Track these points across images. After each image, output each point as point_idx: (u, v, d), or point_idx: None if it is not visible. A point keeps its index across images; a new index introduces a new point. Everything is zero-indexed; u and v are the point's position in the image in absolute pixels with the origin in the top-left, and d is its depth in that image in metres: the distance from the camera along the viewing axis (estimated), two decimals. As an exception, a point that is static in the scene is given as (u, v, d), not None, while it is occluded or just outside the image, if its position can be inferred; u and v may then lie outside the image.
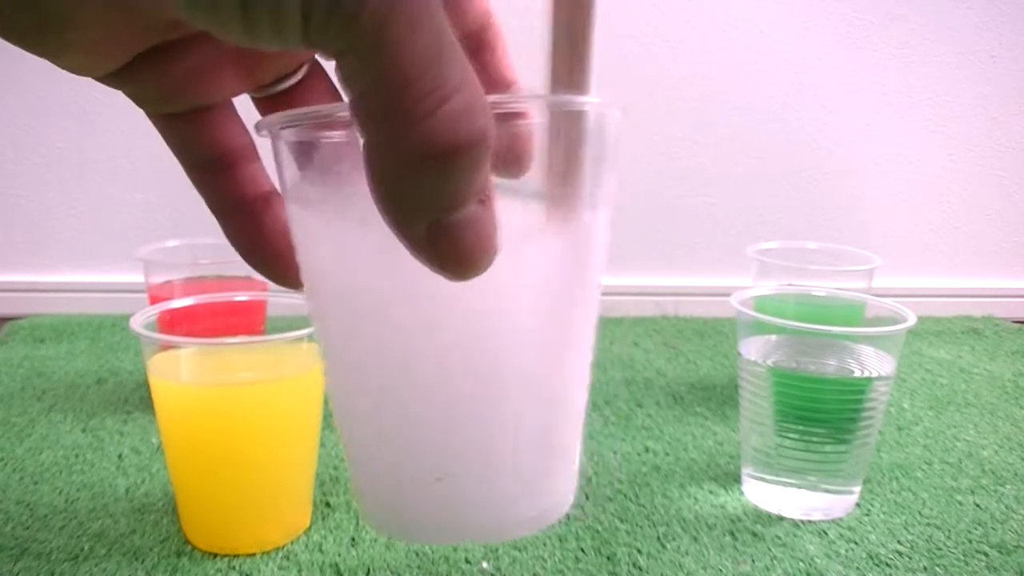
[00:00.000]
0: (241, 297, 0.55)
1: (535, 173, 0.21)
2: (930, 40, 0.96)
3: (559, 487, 0.24)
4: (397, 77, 0.15)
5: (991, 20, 0.96)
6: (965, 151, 1.00)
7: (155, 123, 0.22)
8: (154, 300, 0.61)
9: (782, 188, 0.99)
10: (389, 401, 0.21)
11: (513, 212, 0.19)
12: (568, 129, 0.20)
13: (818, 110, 0.97)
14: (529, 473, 0.23)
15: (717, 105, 0.96)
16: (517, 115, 0.20)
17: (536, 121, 0.21)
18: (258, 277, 0.71)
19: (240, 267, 0.75)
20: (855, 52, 0.96)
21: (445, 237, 0.16)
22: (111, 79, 0.20)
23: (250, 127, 0.23)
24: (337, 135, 0.21)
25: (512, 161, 0.21)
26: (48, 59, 0.18)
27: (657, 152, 0.96)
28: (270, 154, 0.22)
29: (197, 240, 0.67)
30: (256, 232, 0.23)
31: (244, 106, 0.24)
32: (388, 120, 0.15)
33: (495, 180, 0.18)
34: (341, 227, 0.21)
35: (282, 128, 0.21)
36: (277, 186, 0.23)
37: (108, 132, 0.90)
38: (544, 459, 0.23)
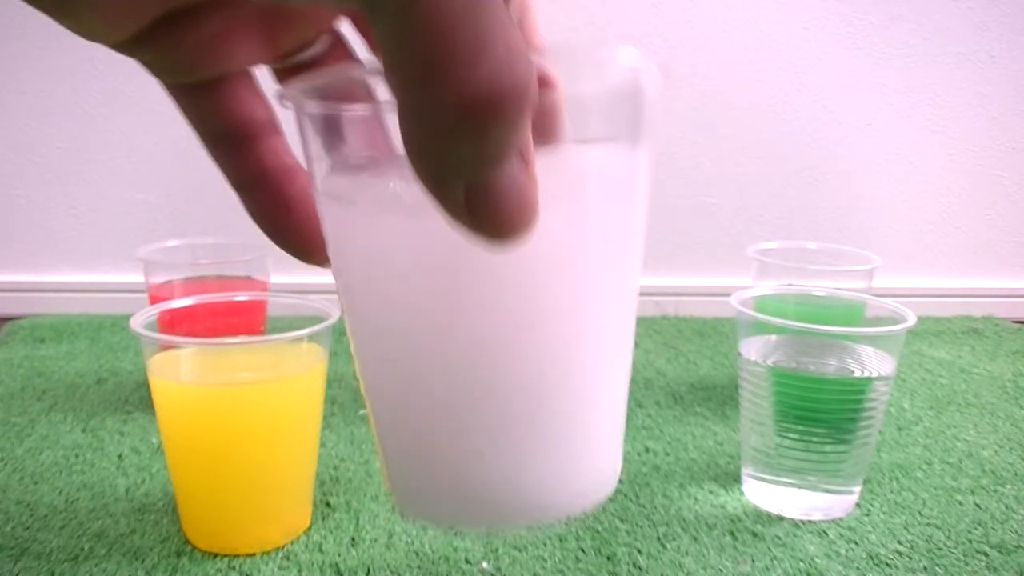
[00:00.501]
0: (241, 297, 0.55)
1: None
2: (930, 40, 0.96)
3: (602, 466, 0.23)
4: (431, 28, 0.14)
5: (991, 20, 0.96)
6: (965, 151, 1.00)
7: (172, 94, 0.21)
8: (154, 300, 0.61)
9: (782, 188, 0.99)
10: (419, 381, 0.21)
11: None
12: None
13: (818, 110, 0.97)
14: (574, 451, 0.22)
15: (717, 105, 0.96)
16: (546, 81, 0.19)
17: (567, 91, 0.19)
18: (258, 277, 0.71)
19: (240, 267, 0.74)
20: (855, 52, 0.96)
21: (484, 199, 0.15)
22: (126, 46, 0.19)
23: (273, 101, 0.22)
24: (366, 107, 0.20)
25: (544, 130, 0.19)
26: (62, 22, 0.17)
27: (657, 152, 0.96)
28: (294, 127, 0.21)
29: (197, 240, 0.67)
30: (279, 208, 0.22)
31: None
32: (422, 75, 0.14)
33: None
34: (373, 208, 0.20)
35: (306, 98, 0.20)
36: (301, 160, 0.22)
37: (108, 132, 0.90)
38: (587, 436, 0.22)
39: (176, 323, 0.48)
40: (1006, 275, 1.04)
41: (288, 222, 0.22)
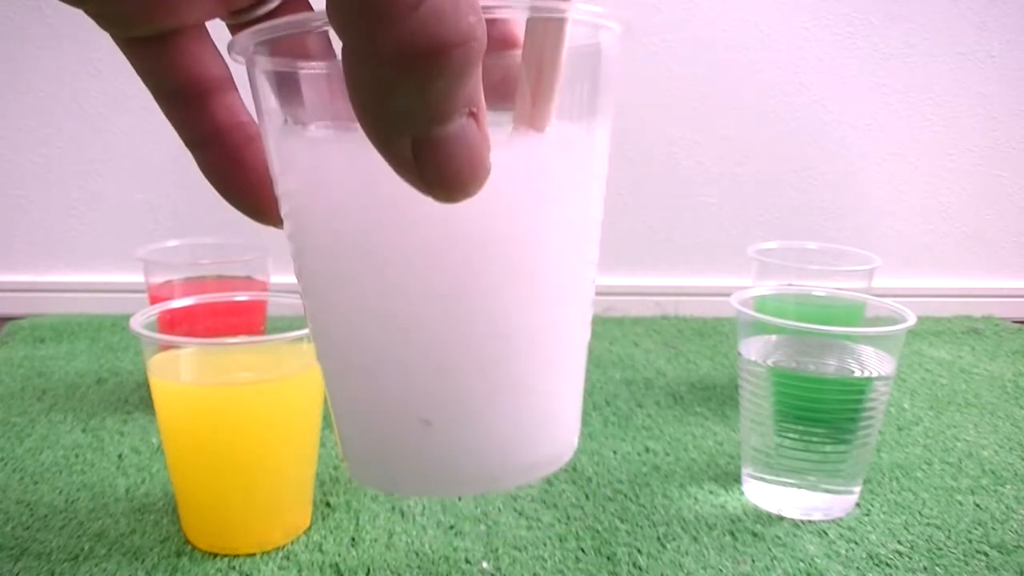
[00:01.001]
0: (241, 297, 0.55)
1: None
2: (930, 40, 0.96)
3: (560, 432, 0.22)
4: None
5: (991, 20, 0.96)
6: (965, 151, 1.00)
7: (122, 48, 0.20)
8: (154, 300, 0.61)
9: (782, 188, 0.99)
10: (372, 341, 0.20)
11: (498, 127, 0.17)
12: (551, 34, 0.18)
13: (818, 110, 0.97)
14: (526, 416, 0.21)
15: (717, 105, 0.96)
16: (511, 39, 0.18)
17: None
18: (258, 277, 0.71)
19: (240, 267, 0.74)
20: (855, 52, 0.96)
21: (431, 154, 0.15)
22: None
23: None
24: (317, 63, 0.19)
25: (504, 94, 0.18)
26: None
27: (657, 152, 0.96)
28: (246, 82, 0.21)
29: (197, 240, 0.67)
30: (232, 166, 0.21)
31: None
32: (363, 20, 0.13)
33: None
34: (322, 153, 0.20)
35: (256, 50, 0.19)
36: (254, 115, 0.21)
37: (108, 132, 0.90)
38: (542, 401, 0.21)
39: (176, 323, 0.48)
40: (1006, 275, 1.04)
41: (241, 180, 0.21)
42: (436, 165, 0.15)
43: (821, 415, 0.47)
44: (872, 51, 0.96)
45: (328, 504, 0.50)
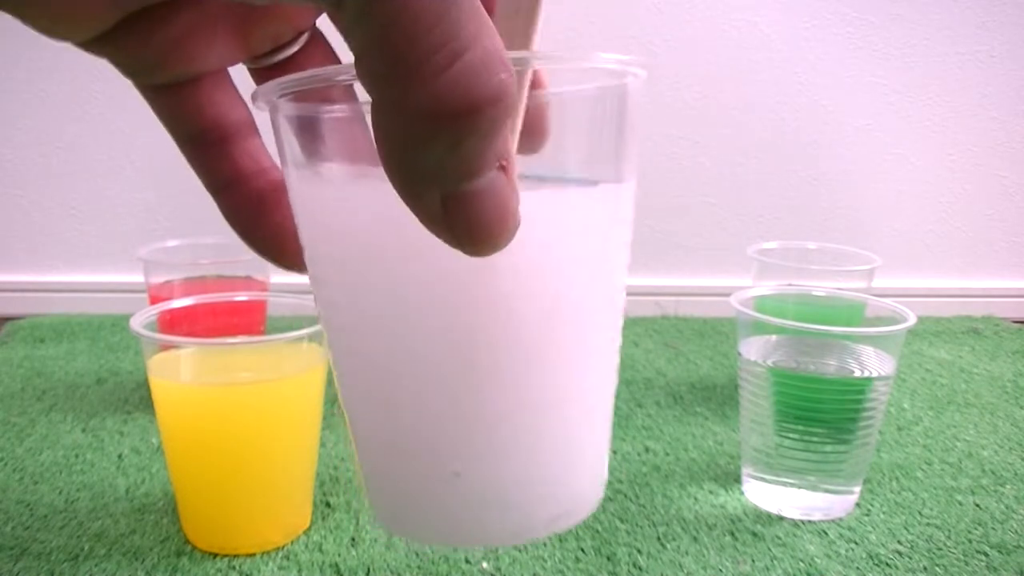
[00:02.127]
0: (241, 297, 0.55)
1: (550, 152, 0.19)
2: (930, 40, 0.96)
3: (584, 485, 0.22)
4: (403, 28, 0.13)
5: (991, 20, 0.96)
6: (965, 151, 1.00)
7: (144, 94, 0.20)
8: (154, 300, 0.61)
9: (782, 188, 0.99)
10: (401, 393, 0.20)
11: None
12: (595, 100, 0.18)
13: (818, 110, 0.97)
14: (552, 469, 0.21)
15: (717, 105, 0.96)
16: (534, 80, 0.18)
17: (553, 91, 0.19)
18: (258, 277, 0.71)
19: (240, 267, 0.74)
20: (855, 52, 0.96)
21: (461, 209, 0.15)
22: (92, 46, 0.18)
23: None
24: (342, 107, 0.19)
25: (525, 135, 0.18)
26: (22, 19, 0.17)
27: (657, 152, 0.96)
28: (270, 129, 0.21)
29: (197, 240, 0.67)
30: (255, 210, 0.21)
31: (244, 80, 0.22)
32: (394, 78, 0.13)
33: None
34: (349, 203, 0.19)
35: (280, 98, 0.19)
36: (277, 161, 0.21)
37: (108, 132, 0.90)
38: (568, 454, 0.21)
39: (176, 323, 0.48)
40: (1006, 275, 1.04)
41: (264, 225, 0.21)
42: (466, 220, 0.15)
43: (821, 415, 0.47)
44: (872, 51, 0.96)
45: (328, 504, 0.50)
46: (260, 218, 0.21)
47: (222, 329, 0.50)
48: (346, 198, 0.19)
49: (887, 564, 0.45)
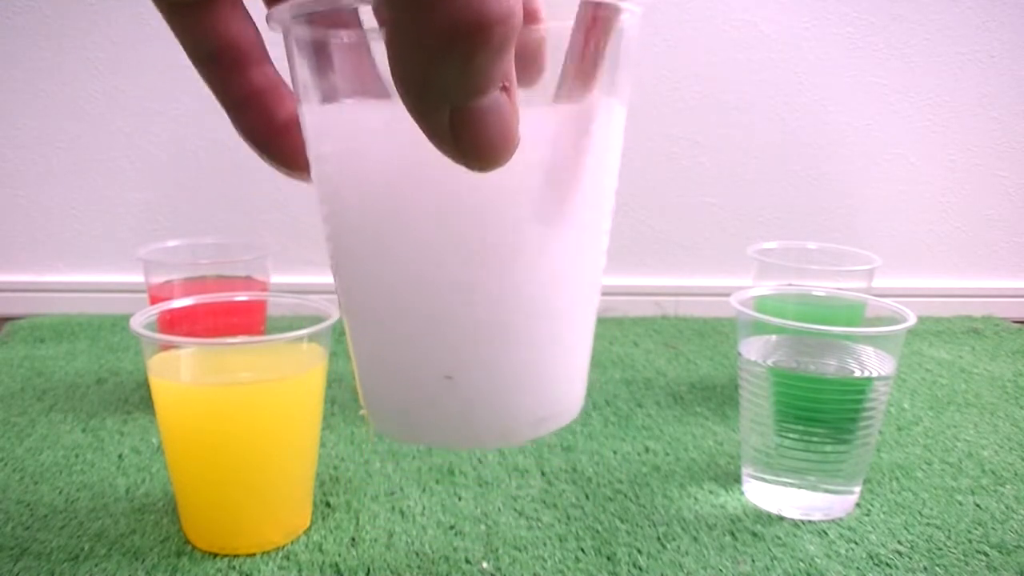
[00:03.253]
0: (241, 297, 0.55)
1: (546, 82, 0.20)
2: (930, 40, 0.96)
3: (570, 390, 0.24)
4: None
5: (991, 20, 0.96)
6: (965, 151, 1.00)
7: (163, 12, 0.21)
8: (154, 300, 0.61)
9: (782, 188, 0.99)
10: (398, 297, 0.21)
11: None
12: (590, 20, 0.20)
13: (818, 110, 0.97)
14: (538, 376, 0.22)
15: (717, 105, 0.96)
16: (531, 15, 0.19)
17: (551, 25, 0.20)
18: (258, 277, 0.71)
19: (240, 267, 0.74)
20: (855, 52, 0.96)
21: (468, 125, 0.16)
22: None
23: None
24: (351, 32, 0.20)
25: (522, 68, 0.19)
26: None
27: (657, 152, 0.96)
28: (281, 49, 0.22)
29: (197, 240, 0.67)
30: (268, 122, 0.22)
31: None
32: None
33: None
34: (358, 122, 0.21)
35: (293, 20, 0.20)
36: (287, 80, 0.22)
37: (108, 132, 0.90)
38: (555, 359, 0.23)
39: (176, 323, 0.48)
40: (1006, 275, 1.04)
41: (277, 138, 0.22)
42: (471, 136, 0.16)
43: (821, 415, 0.47)
44: (872, 51, 0.96)
45: (328, 504, 0.50)
46: (273, 129, 0.22)
47: (222, 329, 0.50)
48: (354, 119, 0.21)
49: (887, 564, 0.45)
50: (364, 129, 0.20)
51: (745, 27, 0.94)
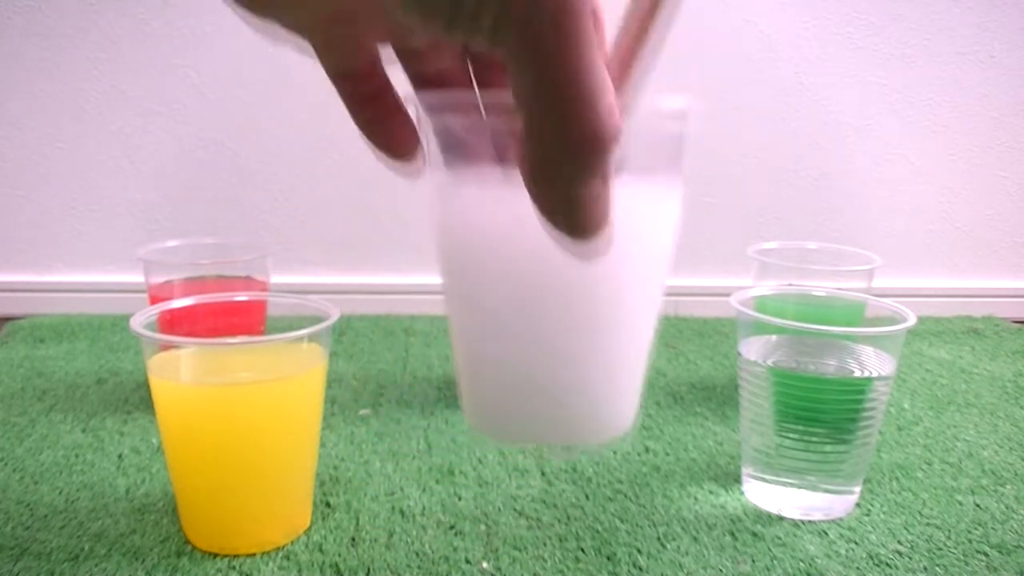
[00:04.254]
0: (241, 297, 0.55)
1: None
2: (930, 40, 0.96)
3: (625, 409, 0.30)
4: (565, 79, 0.18)
5: (991, 20, 0.96)
6: (965, 151, 1.00)
7: (306, 35, 0.25)
8: (154, 300, 0.61)
9: (782, 188, 0.99)
10: (510, 336, 0.27)
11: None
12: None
13: (818, 110, 0.97)
14: (607, 394, 0.29)
15: (717, 105, 0.96)
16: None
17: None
18: (258, 277, 0.71)
19: (240, 267, 0.75)
20: (855, 52, 0.96)
21: (578, 207, 0.20)
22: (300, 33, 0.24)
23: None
24: (478, 121, 0.25)
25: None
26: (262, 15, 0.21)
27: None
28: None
29: (197, 240, 0.67)
30: (385, 116, 0.27)
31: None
32: (551, 116, 0.19)
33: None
34: (479, 195, 0.26)
35: (430, 111, 0.26)
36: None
37: (108, 132, 0.90)
38: (617, 385, 0.29)
39: (176, 323, 0.48)
40: (1006, 275, 1.04)
41: (392, 129, 0.27)
42: (579, 216, 0.20)
43: (821, 415, 0.47)
44: (872, 51, 0.96)
45: (328, 504, 0.50)
46: (389, 120, 0.27)
47: (222, 329, 0.50)
48: (483, 198, 0.26)
49: (887, 564, 0.45)
50: (488, 204, 0.26)
51: (745, 27, 0.93)
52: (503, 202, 0.25)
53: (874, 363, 0.48)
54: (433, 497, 0.51)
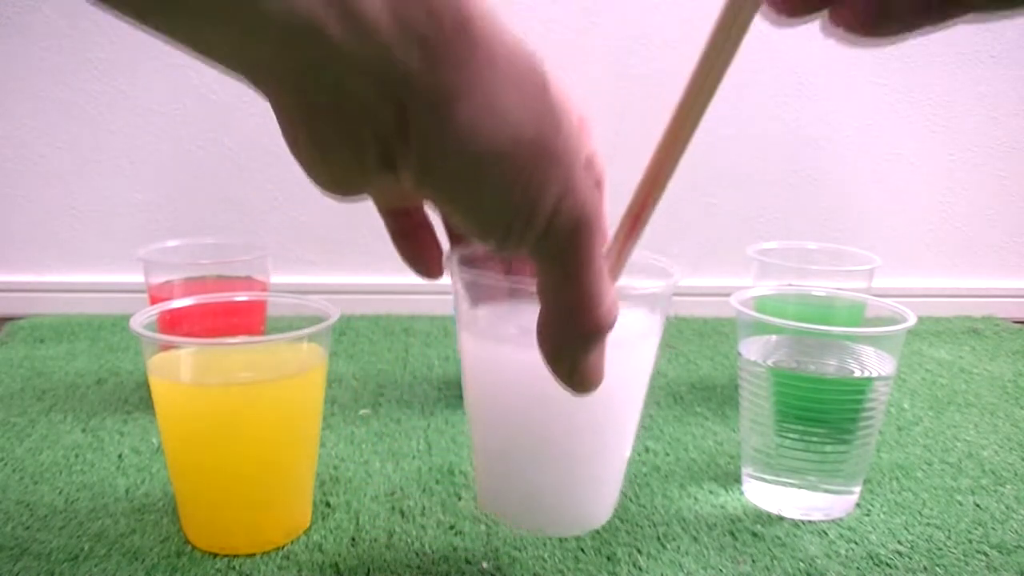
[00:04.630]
0: (241, 297, 0.55)
1: None
2: (930, 40, 0.96)
3: (607, 503, 0.40)
4: (583, 282, 0.26)
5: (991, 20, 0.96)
6: (965, 151, 1.00)
7: (368, 193, 0.30)
8: (154, 300, 0.61)
9: (782, 188, 0.99)
10: (517, 446, 0.37)
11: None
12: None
13: (818, 110, 0.97)
14: (590, 493, 0.38)
15: (717, 105, 0.95)
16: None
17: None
18: (258, 277, 0.71)
19: (240, 267, 0.75)
20: (855, 52, 0.96)
21: (579, 373, 0.28)
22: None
23: None
24: (501, 286, 0.36)
25: None
26: (309, 175, 0.25)
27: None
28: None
29: (197, 240, 0.67)
30: (419, 248, 0.33)
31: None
32: (570, 307, 0.26)
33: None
34: (499, 348, 0.37)
35: (463, 274, 0.35)
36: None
37: (108, 132, 0.90)
38: (603, 485, 0.39)
39: (176, 323, 0.48)
40: (1006, 275, 1.04)
41: (424, 254, 0.33)
42: (581, 378, 0.28)
43: (821, 415, 0.47)
44: (872, 51, 0.96)
45: (328, 504, 0.50)
46: (423, 251, 0.33)
47: (222, 329, 0.50)
48: (500, 349, 0.37)
49: (887, 564, 0.45)
50: (507, 356, 0.36)
51: (745, 27, 0.93)
52: (514, 356, 0.35)
53: (874, 363, 0.48)
54: (433, 497, 0.51)
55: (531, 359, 0.28)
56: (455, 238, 0.36)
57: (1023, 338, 0.91)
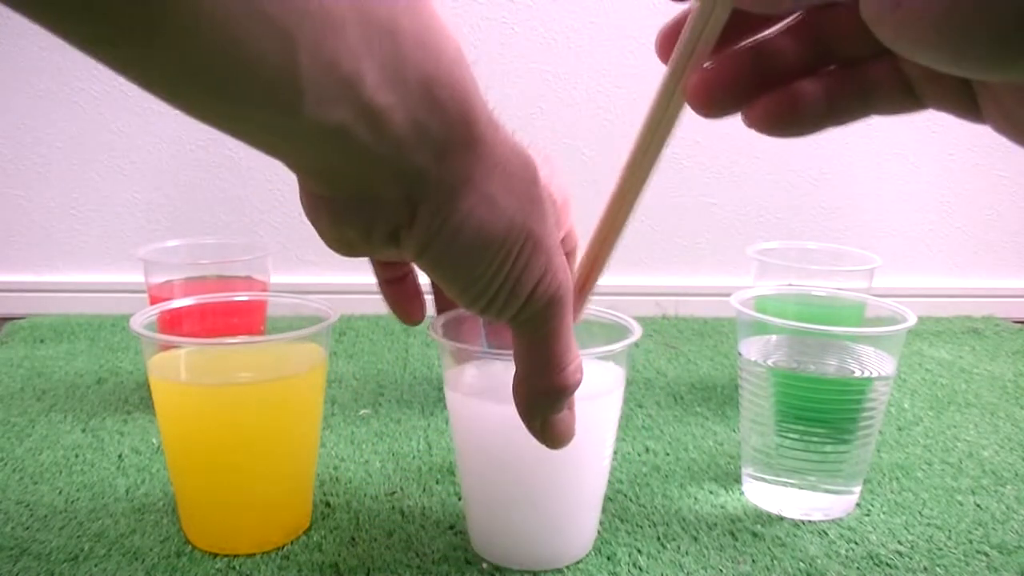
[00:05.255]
0: (241, 297, 0.55)
1: None
2: (930, 40, 0.96)
3: (585, 540, 0.45)
4: (555, 347, 0.30)
5: (991, 20, 0.96)
6: (965, 151, 1.00)
7: (374, 265, 0.36)
8: (154, 300, 0.61)
9: (782, 188, 0.99)
10: (502, 494, 0.42)
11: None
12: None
13: (818, 110, 0.96)
14: (569, 531, 0.43)
15: (717, 105, 0.95)
16: None
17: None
18: (258, 277, 0.71)
19: (240, 267, 0.75)
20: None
21: (550, 428, 0.32)
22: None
23: None
24: (479, 352, 0.42)
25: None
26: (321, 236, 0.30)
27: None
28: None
29: (197, 240, 0.67)
30: (403, 297, 0.37)
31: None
32: (537, 370, 0.31)
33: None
34: (481, 403, 0.42)
35: (446, 337, 0.41)
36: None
37: (108, 132, 0.90)
38: (577, 525, 0.44)
39: (176, 323, 0.48)
40: (1006, 275, 1.04)
41: (408, 305, 0.37)
42: (552, 434, 0.32)
43: (821, 415, 0.47)
44: (872, 51, 0.96)
45: (328, 504, 0.50)
46: (407, 301, 0.37)
47: (222, 329, 0.50)
48: (480, 404, 0.42)
49: (887, 564, 0.45)
50: (491, 417, 0.41)
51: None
52: (495, 411, 0.40)
53: (874, 363, 0.48)
54: (433, 497, 0.51)
55: (510, 413, 0.32)
56: (442, 298, 0.41)
57: (1023, 338, 0.91)
